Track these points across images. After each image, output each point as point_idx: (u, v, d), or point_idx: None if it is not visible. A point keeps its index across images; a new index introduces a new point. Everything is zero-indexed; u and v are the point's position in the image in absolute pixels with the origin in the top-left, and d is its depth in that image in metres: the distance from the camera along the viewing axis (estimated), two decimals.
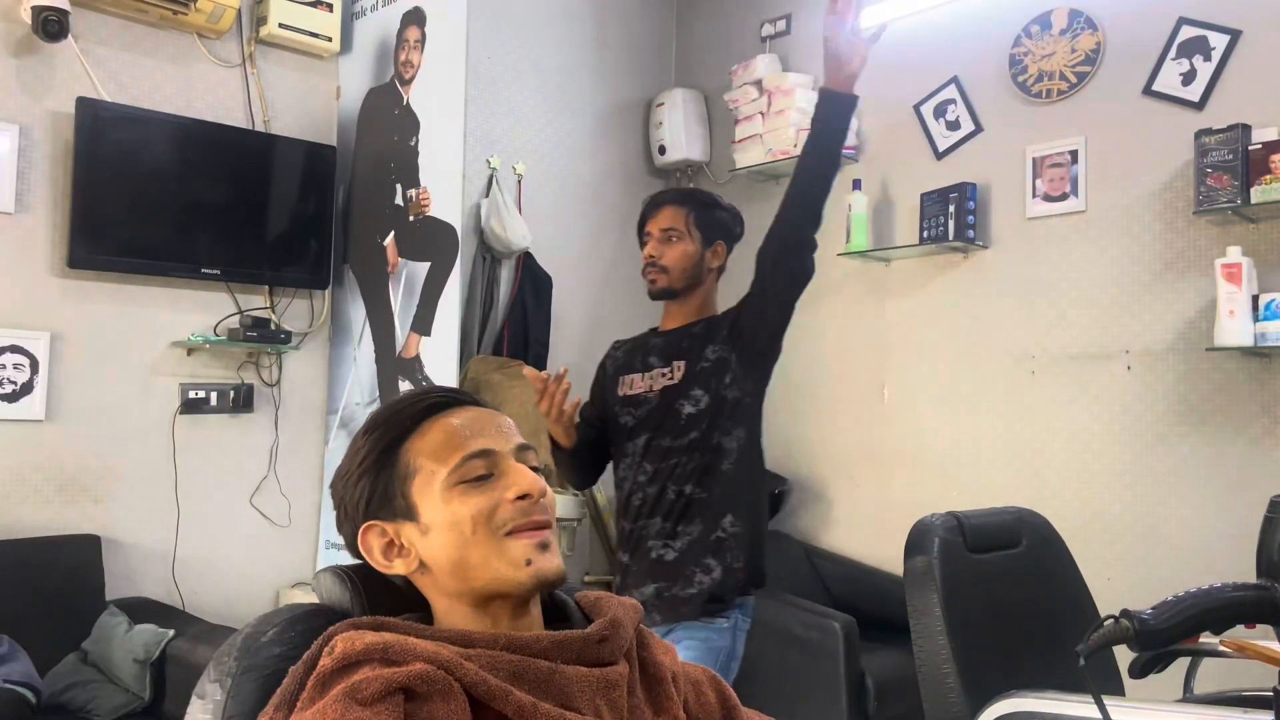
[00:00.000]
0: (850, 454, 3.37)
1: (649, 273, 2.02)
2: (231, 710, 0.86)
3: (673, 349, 2.02)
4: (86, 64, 2.88)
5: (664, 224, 2.02)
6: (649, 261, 2.01)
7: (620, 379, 2.06)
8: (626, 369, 2.07)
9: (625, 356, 2.11)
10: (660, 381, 1.99)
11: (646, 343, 2.09)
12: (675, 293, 2.02)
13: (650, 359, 2.03)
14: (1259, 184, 2.41)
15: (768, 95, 3.51)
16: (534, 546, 0.89)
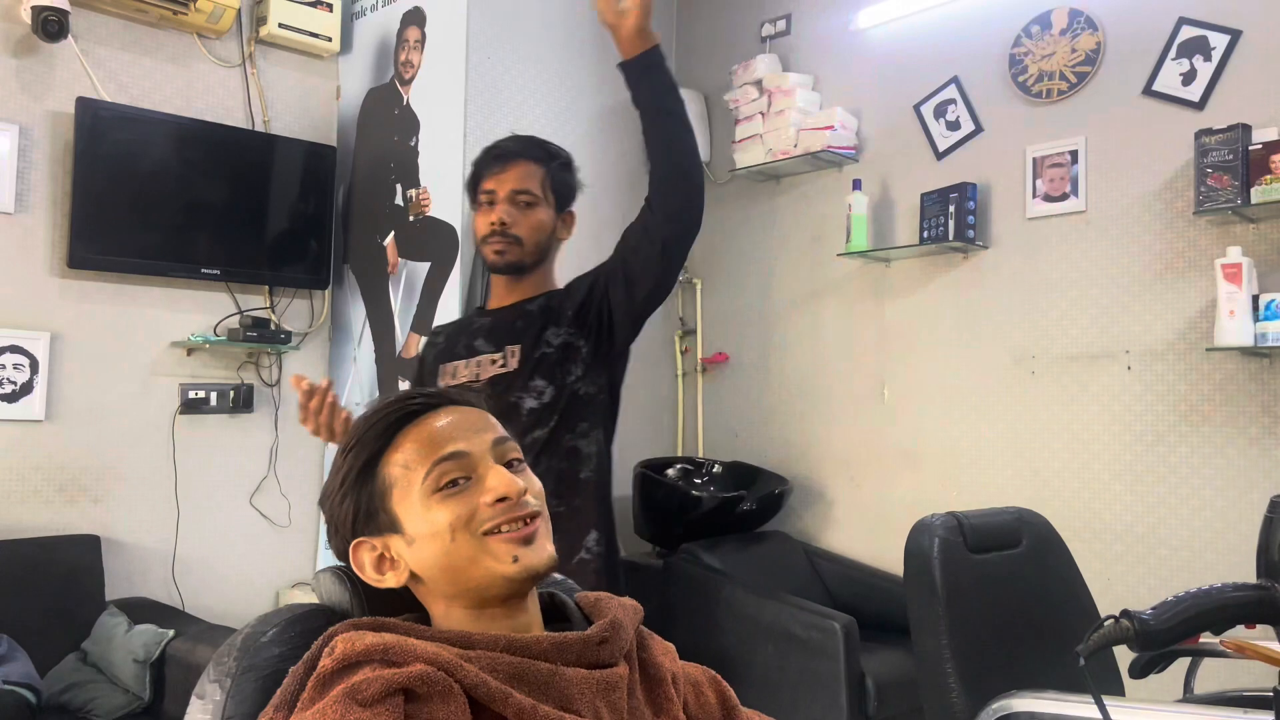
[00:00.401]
0: (850, 454, 3.37)
1: (494, 242, 1.69)
2: (231, 710, 0.86)
3: (503, 330, 1.72)
4: (86, 64, 2.88)
5: (516, 184, 1.70)
6: (497, 230, 1.68)
7: (441, 368, 1.76)
8: (448, 356, 1.76)
9: (447, 342, 1.81)
10: (489, 369, 1.70)
11: (471, 324, 1.80)
12: (524, 268, 1.73)
13: (476, 343, 1.74)
14: (1259, 184, 2.41)
15: (768, 95, 3.51)
16: (517, 543, 0.89)
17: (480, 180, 1.73)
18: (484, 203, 1.72)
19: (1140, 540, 2.69)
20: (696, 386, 3.88)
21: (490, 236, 1.70)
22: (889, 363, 3.28)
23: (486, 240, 1.71)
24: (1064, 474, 2.86)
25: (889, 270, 3.30)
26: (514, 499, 0.90)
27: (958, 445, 3.09)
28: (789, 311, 3.58)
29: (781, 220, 3.62)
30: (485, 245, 1.71)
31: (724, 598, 2.94)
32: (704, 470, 3.58)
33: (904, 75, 3.25)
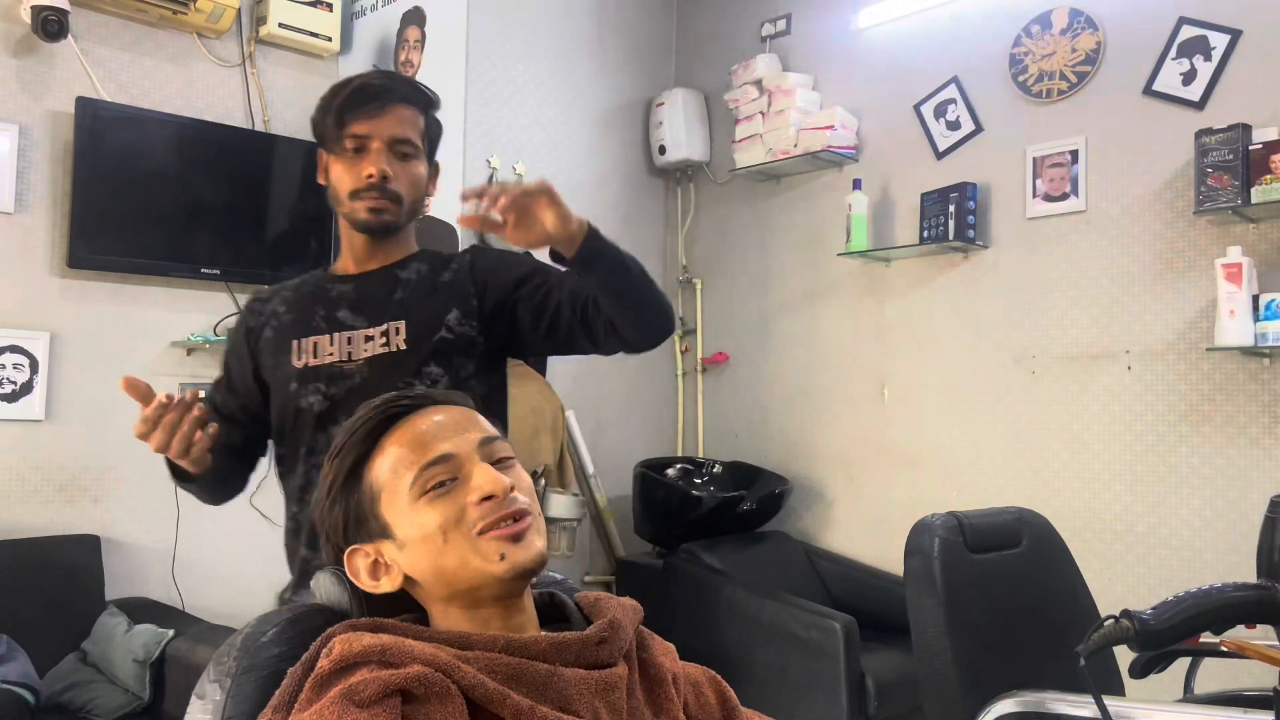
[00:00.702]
0: (850, 454, 3.37)
1: (370, 198, 1.42)
2: (231, 710, 0.86)
3: (377, 301, 1.46)
4: (86, 64, 2.88)
5: (395, 131, 1.43)
6: (375, 183, 1.42)
7: (288, 344, 1.46)
8: (297, 329, 1.46)
9: (291, 312, 1.49)
10: (367, 347, 1.43)
11: (324, 291, 1.49)
12: (397, 229, 1.49)
13: (339, 314, 1.46)
14: (1259, 184, 2.41)
15: (768, 95, 3.51)
16: (505, 541, 0.89)
17: (346, 122, 1.41)
18: (350, 149, 1.41)
19: (1140, 540, 2.69)
20: (696, 386, 3.88)
21: (365, 191, 1.42)
22: (888, 363, 3.28)
23: (359, 195, 1.42)
24: (1064, 474, 2.85)
25: (889, 270, 3.30)
26: (501, 497, 0.90)
27: (958, 445, 3.09)
28: (789, 311, 3.58)
29: (781, 220, 3.62)
30: (356, 201, 1.42)
31: (724, 598, 2.94)
32: (704, 470, 3.58)
33: (904, 75, 3.25)
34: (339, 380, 1.43)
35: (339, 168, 1.44)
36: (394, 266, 1.51)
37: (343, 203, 1.45)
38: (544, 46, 3.55)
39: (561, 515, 3.11)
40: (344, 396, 1.41)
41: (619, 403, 3.74)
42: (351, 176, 1.43)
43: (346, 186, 1.44)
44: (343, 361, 1.43)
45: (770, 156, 3.46)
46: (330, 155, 1.46)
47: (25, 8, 2.67)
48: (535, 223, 1.36)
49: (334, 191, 1.46)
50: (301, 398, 1.44)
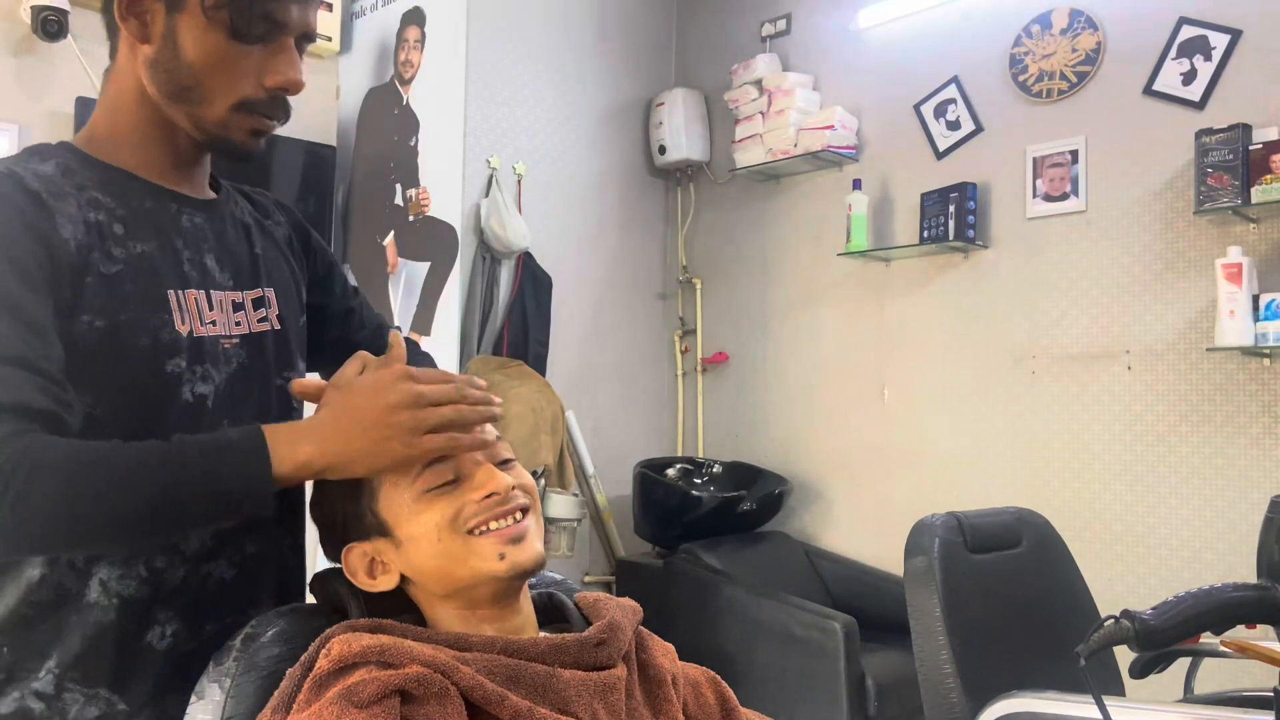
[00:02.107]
0: (850, 454, 3.37)
1: (265, 117, 0.97)
2: (231, 710, 0.86)
3: (239, 251, 1.05)
4: (86, 64, 2.88)
5: (311, 20, 0.99)
6: (289, 93, 0.97)
7: (163, 294, 0.94)
8: (169, 271, 0.95)
9: (143, 236, 0.94)
10: (240, 319, 1.02)
11: (173, 214, 0.99)
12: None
13: (207, 261, 1.00)
14: (1259, 184, 2.41)
15: (768, 95, 3.51)
16: (504, 541, 0.89)
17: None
18: (259, 35, 0.93)
19: (1140, 540, 2.69)
20: (696, 386, 3.88)
21: (261, 104, 0.96)
22: (889, 363, 3.28)
23: (251, 108, 0.95)
24: (1064, 474, 2.85)
25: (889, 270, 3.30)
26: (502, 494, 0.90)
27: (958, 445, 3.09)
28: (789, 311, 3.58)
29: (781, 220, 3.62)
30: (242, 114, 0.95)
31: (724, 598, 2.94)
32: (704, 470, 3.58)
33: (904, 75, 3.25)
34: (219, 364, 0.98)
35: (220, 52, 0.92)
36: (224, 198, 1.07)
37: (209, 103, 0.94)
38: (544, 46, 3.55)
39: (561, 515, 3.11)
40: (224, 388, 0.98)
41: (619, 403, 3.74)
42: (248, 75, 0.94)
43: (235, 89, 0.94)
44: (224, 336, 0.99)
45: (770, 156, 3.46)
46: (196, 16, 0.91)
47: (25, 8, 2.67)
48: None
49: (191, 79, 0.93)
50: (189, 384, 0.94)
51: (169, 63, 0.93)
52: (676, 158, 3.77)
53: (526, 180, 3.49)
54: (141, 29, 0.93)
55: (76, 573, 0.91)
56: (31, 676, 0.89)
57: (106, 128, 0.98)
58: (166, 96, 0.95)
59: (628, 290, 3.83)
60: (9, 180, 0.88)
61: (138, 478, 0.81)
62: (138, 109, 0.97)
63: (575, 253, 3.65)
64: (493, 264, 3.36)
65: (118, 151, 0.97)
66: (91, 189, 0.93)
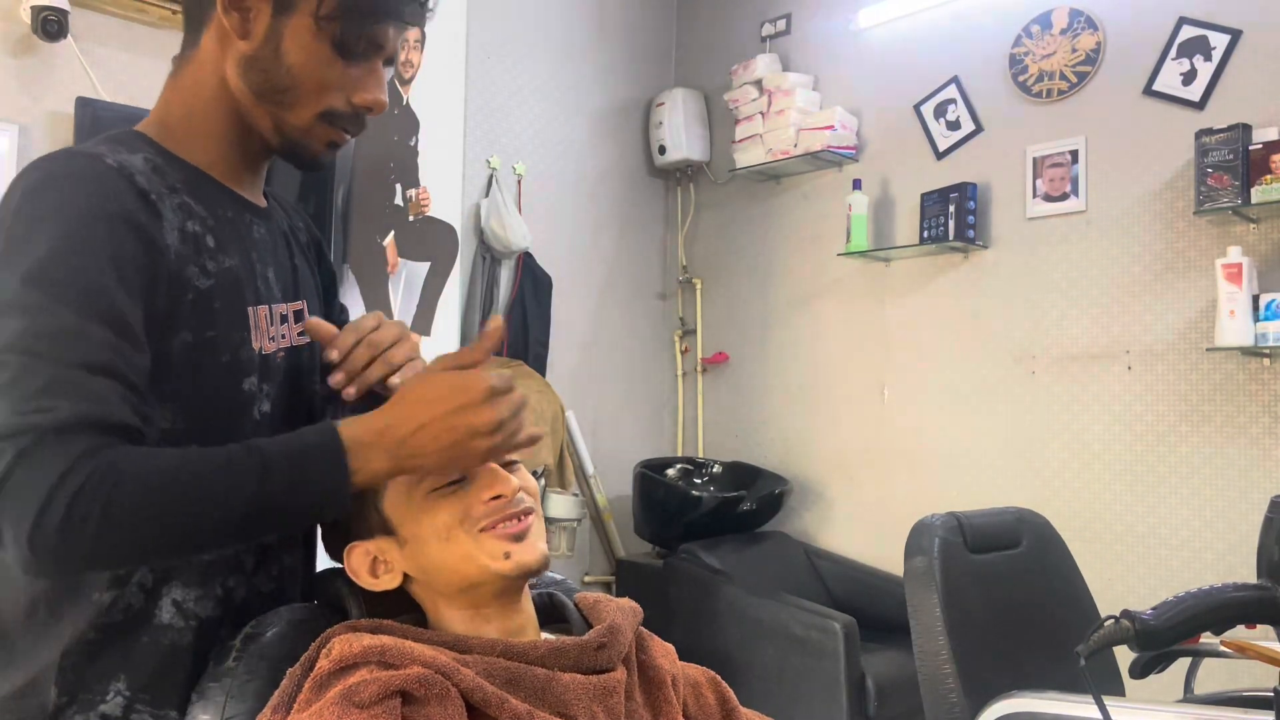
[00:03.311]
0: (850, 454, 3.37)
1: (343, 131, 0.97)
2: (232, 710, 0.86)
3: (285, 261, 1.04)
4: (86, 64, 2.87)
5: (398, 48, 0.99)
6: (373, 112, 0.97)
7: (243, 311, 0.93)
8: (250, 286, 0.95)
9: (230, 249, 0.93)
10: (286, 334, 1.00)
11: (246, 224, 0.98)
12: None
13: (269, 273, 0.99)
14: (1259, 184, 2.41)
15: (768, 95, 3.51)
16: (509, 539, 0.89)
17: (379, 17, 0.94)
18: (359, 54, 0.94)
19: (1140, 540, 2.69)
20: (696, 386, 3.88)
21: (345, 118, 0.96)
22: (889, 363, 3.28)
23: (335, 119, 0.95)
24: (1064, 474, 2.85)
25: (889, 270, 3.30)
26: (509, 496, 0.90)
27: (958, 445, 3.09)
28: (789, 311, 3.58)
29: (781, 220, 3.62)
30: (324, 126, 0.95)
31: (724, 598, 2.94)
32: (704, 470, 3.58)
33: (904, 75, 3.25)
34: (275, 379, 0.97)
35: (323, 62, 0.92)
36: (272, 204, 1.06)
37: (298, 109, 0.93)
38: (544, 46, 3.55)
39: (561, 515, 3.12)
40: (278, 402, 0.97)
41: (619, 403, 3.74)
42: (339, 88, 0.94)
43: (327, 99, 0.94)
44: (275, 352, 0.97)
45: (770, 156, 3.46)
46: (306, 25, 0.91)
47: (25, 8, 2.67)
48: None
49: (288, 82, 0.92)
50: (257, 403, 0.94)
51: (267, 62, 0.92)
52: (676, 158, 3.77)
53: (526, 180, 3.49)
54: (243, 24, 0.92)
55: (146, 594, 0.88)
56: (98, 699, 0.87)
57: (181, 119, 0.96)
58: (255, 95, 0.93)
59: (628, 290, 3.83)
60: (120, 177, 0.84)
61: (223, 487, 0.78)
62: (217, 103, 0.95)
63: (575, 253, 3.65)
64: (493, 264, 3.36)
65: (192, 146, 0.95)
66: (182, 193, 0.90)
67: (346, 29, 0.91)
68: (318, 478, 0.81)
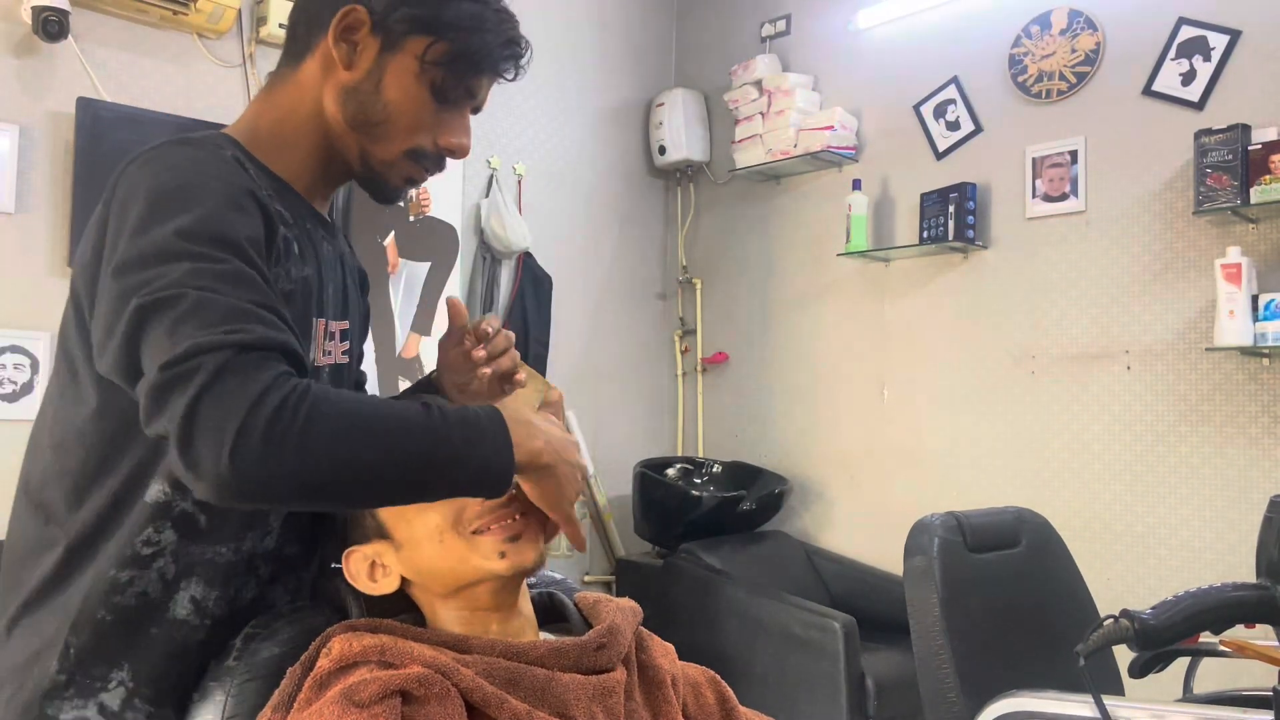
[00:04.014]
0: (850, 454, 3.37)
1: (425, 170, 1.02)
2: (231, 710, 0.87)
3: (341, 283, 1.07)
4: (86, 64, 2.88)
5: (484, 103, 1.04)
6: (454, 151, 1.01)
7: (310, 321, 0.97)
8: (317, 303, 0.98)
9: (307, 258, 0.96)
10: (332, 350, 1.03)
11: (319, 239, 1.01)
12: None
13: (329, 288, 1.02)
14: (1259, 184, 2.41)
15: (768, 95, 3.51)
16: (505, 539, 0.89)
17: (481, 69, 0.99)
18: (453, 102, 0.98)
19: (1140, 540, 2.69)
20: (696, 386, 3.88)
21: (429, 158, 1.00)
22: (889, 363, 3.28)
23: (420, 158, 0.99)
24: (1064, 474, 2.86)
25: (889, 270, 3.30)
26: (504, 499, 0.90)
27: (958, 445, 3.09)
28: (789, 311, 3.58)
29: (781, 220, 3.62)
30: (410, 163, 0.99)
31: (724, 598, 2.94)
32: (704, 470, 3.58)
33: (904, 75, 3.25)
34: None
35: (420, 103, 0.96)
36: (332, 225, 1.09)
37: (388, 144, 0.97)
38: (544, 46, 3.55)
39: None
40: None
41: (619, 403, 3.74)
42: (429, 129, 0.98)
43: (416, 138, 0.97)
44: (326, 367, 1.01)
45: (770, 157, 3.46)
46: (409, 65, 0.95)
47: (25, 8, 2.67)
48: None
49: (382, 115, 0.96)
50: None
51: (366, 95, 0.95)
52: (676, 158, 3.77)
53: (526, 180, 3.49)
54: (349, 56, 0.95)
55: (165, 584, 0.88)
56: (100, 687, 0.87)
57: (273, 131, 0.98)
58: (349, 123, 0.97)
59: (628, 290, 3.83)
60: (240, 167, 0.87)
61: (405, 438, 0.77)
62: (310, 124, 0.98)
63: (575, 253, 3.65)
64: (493, 264, 3.36)
65: (278, 158, 0.97)
66: (275, 199, 0.91)
67: (448, 76, 0.96)
68: (489, 446, 0.81)
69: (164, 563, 0.88)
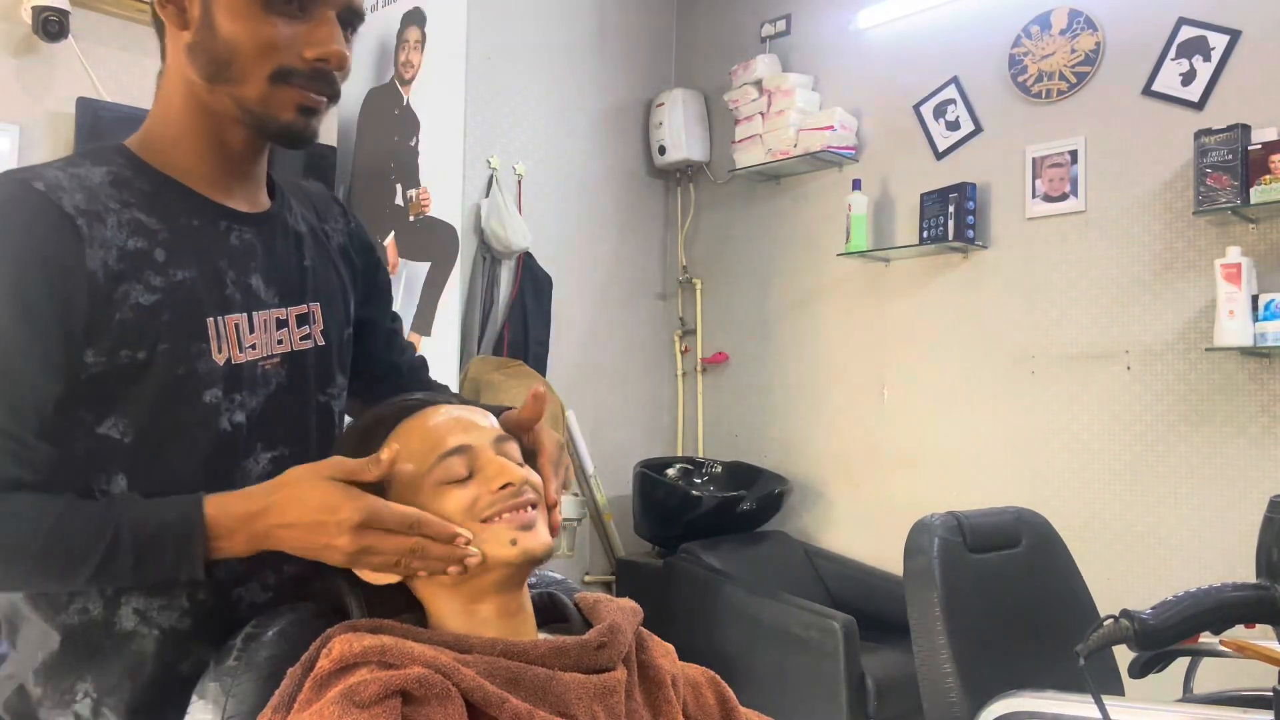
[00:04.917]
0: (850, 454, 3.37)
1: (313, 88, 0.93)
2: (231, 710, 0.87)
3: (289, 264, 1.02)
4: (86, 64, 2.88)
5: (352, 2, 0.96)
6: (329, 67, 0.93)
7: (201, 323, 0.92)
8: (209, 297, 0.93)
9: (183, 261, 0.91)
10: (281, 336, 0.99)
11: (221, 232, 0.96)
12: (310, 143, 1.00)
13: (252, 281, 0.97)
14: (1259, 184, 2.41)
15: (767, 95, 3.51)
16: (516, 527, 0.90)
17: None
18: (292, 6, 0.91)
19: (1140, 540, 2.69)
20: (696, 386, 3.88)
21: (303, 75, 0.92)
22: (888, 363, 3.28)
23: (293, 78, 0.91)
24: (1064, 474, 2.86)
25: (889, 270, 3.30)
26: (517, 485, 0.91)
27: (958, 445, 3.09)
28: (789, 311, 3.58)
29: (781, 220, 3.62)
30: (284, 86, 0.91)
31: (724, 598, 2.94)
32: (704, 470, 3.58)
33: (904, 75, 3.26)
34: (258, 388, 0.96)
35: (255, 24, 0.89)
36: (277, 208, 1.04)
37: (246, 79, 0.91)
38: (544, 46, 3.55)
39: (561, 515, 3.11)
40: (260, 411, 0.96)
41: (619, 403, 3.74)
42: (286, 48, 0.90)
43: (271, 60, 0.90)
44: (264, 359, 0.96)
45: (770, 157, 3.46)
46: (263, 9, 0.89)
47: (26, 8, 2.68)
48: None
49: (227, 54, 0.90)
50: (226, 414, 0.93)
51: (207, 42, 0.91)
52: (676, 158, 3.77)
53: (526, 180, 3.49)
54: (179, 15, 0.93)
55: (105, 601, 0.90)
56: (69, 699, 0.90)
57: (159, 129, 0.97)
58: (207, 80, 0.92)
59: (628, 290, 3.83)
60: (44, 203, 0.84)
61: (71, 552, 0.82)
62: (185, 105, 0.95)
63: (575, 253, 3.65)
64: (493, 264, 3.36)
65: (171, 155, 0.95)
66: (136, 208, 0.90)
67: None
68: (168, 560, 0.83)
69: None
